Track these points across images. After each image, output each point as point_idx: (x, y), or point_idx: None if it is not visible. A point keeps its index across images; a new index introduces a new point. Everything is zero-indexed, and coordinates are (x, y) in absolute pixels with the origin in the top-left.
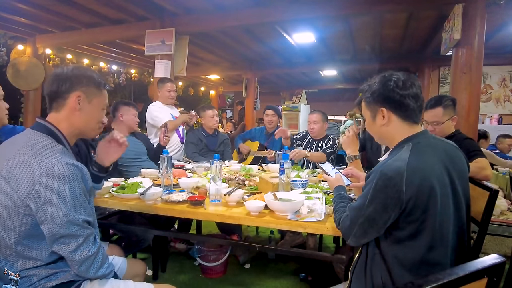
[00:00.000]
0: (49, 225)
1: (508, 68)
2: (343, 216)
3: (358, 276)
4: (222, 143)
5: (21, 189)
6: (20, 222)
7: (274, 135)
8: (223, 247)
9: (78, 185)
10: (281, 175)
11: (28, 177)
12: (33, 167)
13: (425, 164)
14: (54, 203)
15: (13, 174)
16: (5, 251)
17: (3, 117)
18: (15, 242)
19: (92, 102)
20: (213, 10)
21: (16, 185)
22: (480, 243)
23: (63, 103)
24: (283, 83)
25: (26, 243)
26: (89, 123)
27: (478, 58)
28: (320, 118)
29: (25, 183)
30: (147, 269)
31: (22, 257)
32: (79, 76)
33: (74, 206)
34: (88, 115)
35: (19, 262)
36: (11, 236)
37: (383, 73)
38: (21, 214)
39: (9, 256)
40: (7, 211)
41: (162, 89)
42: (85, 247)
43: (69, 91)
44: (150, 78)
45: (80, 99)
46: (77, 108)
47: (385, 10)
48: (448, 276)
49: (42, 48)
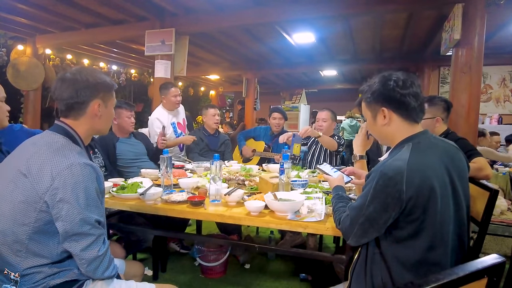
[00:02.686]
0: (63, 222)
1: (508, 68)
2: (343, 216)
3: (358, 276)
4: (223, 143)
5: (39, 185)
6: (35, 218)
7: (278, 139)
8: (223, 247)
9: (92, 185)
10: (281, 175)
11: (47, 174)
12: (52, 164)
13: (425, 164)
14: (69, 200)
15: (33, 171)
16: (16, 246)
17: (4, 118)
18: (27, 237)
19: (108, 105)
20: (213, 10)
21: (35, 181)
22: (480, 243)
23: (82, 112)
24: (283, 83)
25: (38, 239)
26: (107, 125)
27: (478, 58)
28: (330, 116)
29: (43, 180)
30: (144, 270)
31: (32, 253)
32: (96, 85)
33: (88, 205)
34: (106, 118)
35: (28, 259)
36: (24, 231)
37: (382, 73)
38: (37, 210)
39: (19, 251)
40: (24, 206)
41: (166, 95)
42: (95, 246)
43: (89, 100)
44: (150, 78)
45: (100, 106)
46: (98, 115)
47: (385, 10)
48: (448, 276)
49: (42, 48)
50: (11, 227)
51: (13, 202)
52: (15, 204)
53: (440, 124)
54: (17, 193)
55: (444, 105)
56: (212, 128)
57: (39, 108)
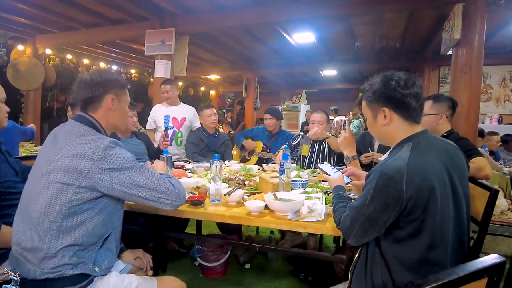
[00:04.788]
0: (121, 186)
1: (508, 68)
2: (343, 216)
3: (358, 275)
4: (223, 143)
5: (80, 164)
6: (70, 198)
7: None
8: (223, 247)
9: (128, 153)
10: (281, 175)
11: (87, 154)
12: (89, 145)
13: (425, 164)
14: (116, 167)
15: (70, 153)
16: (50, 225)
17: (3, 119)
18: (61, 216)
19: (121, 101)
20: (213, 10)
21: (74, 162)
22: (480, 243)
23: (98, 105)
24: (283, 83)
25: (71, 219)
26: (122, 119)
27: (478, 58)
28: (325, 118)
29: (85, 159)
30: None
31: (63, 233)
32: (109, 81)
33: (134, 160)
34: (120, 112)
35: (58, 240)
36: (60, 209)
37: (384, 72)
38: (72, 190)
39: (52, 230)
40: (61, 187)
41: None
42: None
43: (103, 94)
44: (150, 78)
45: (113, 100)
46: (112, 108)
47: (385, 10)
48: (448, 276)
49: (42, 48)
50: (47, 207)
51: (49, 183)
52: (51, 185)
53: (444, 121)
54: (55, 173)
55: (449, 103)
56: (211, 128)
57: (39, 108)
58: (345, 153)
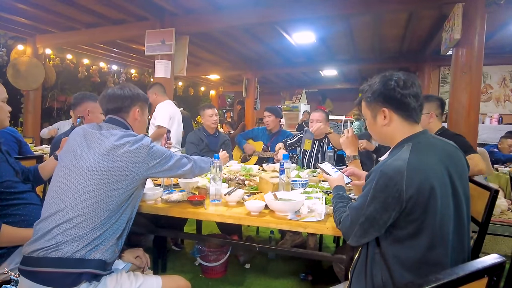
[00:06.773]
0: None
1: (508, 68)
2: (343, 216)
3: (358, 276)
4: (223, 143)
5: (136, 158)
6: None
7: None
8: (223, 247)
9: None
10: (281, 175)
11: (142, 149)
12: (141, 142)
13: (425, 164)
14: (160, 155)
15: (121, 151)
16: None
17: (5, 119)
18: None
19: (144, 114)
20: (213, 10)
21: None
22: (480, 243)
23: (127, 115)
24: (283, 83)
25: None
26: (142, 130)
27: (478, 57)
28: (324, 117)
29: (140, 153)
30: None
31: (94, 211)
32: (135, 95)
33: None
34: (142, 124)
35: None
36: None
37: (383, 73)
38: (121, 180)
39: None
40: (113, 179)
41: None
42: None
43: (131, 106)
44: (150, 78)
45: (139, 111)
46: (138, 118)
47: (385, 10)
48: (448, 276)
49: (42, 48)
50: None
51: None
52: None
53: (434, 119)
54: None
55: (438, 102)
56: (211, 128)
57: (39, 108)
58: (346, 152)
